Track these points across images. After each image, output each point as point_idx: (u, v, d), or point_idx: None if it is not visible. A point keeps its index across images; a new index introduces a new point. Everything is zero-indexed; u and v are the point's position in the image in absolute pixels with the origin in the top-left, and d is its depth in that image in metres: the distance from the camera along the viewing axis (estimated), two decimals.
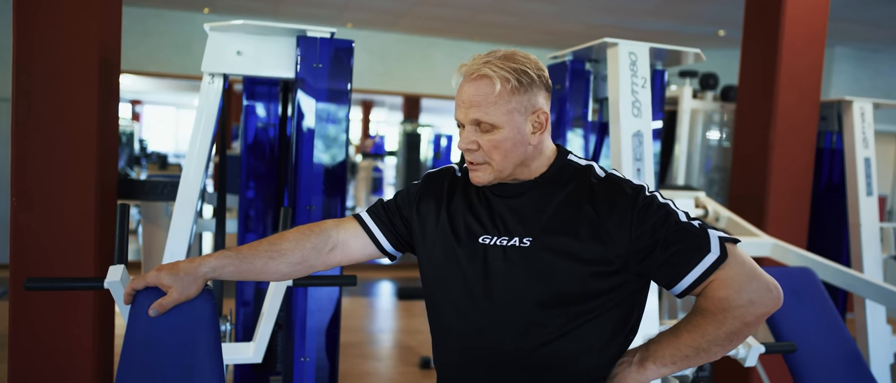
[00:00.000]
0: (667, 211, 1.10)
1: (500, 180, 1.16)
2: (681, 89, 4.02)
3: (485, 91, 1.11)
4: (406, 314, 5.50)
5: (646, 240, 1.08)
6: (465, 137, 1.14)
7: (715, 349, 1.09)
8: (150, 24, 6.38)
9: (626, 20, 5.79)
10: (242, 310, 2.57)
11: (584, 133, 2.41)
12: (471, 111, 1.12)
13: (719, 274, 1.06)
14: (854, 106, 3.09)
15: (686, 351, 1.10)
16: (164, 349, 1.15)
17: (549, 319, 1.10)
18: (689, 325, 1.10)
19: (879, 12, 5.03)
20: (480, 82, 1.12)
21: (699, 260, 1.06)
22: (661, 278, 1.10)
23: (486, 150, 1.13)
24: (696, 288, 1.08)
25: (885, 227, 3.14)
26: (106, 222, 2.30)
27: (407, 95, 8.82)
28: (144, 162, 9.13)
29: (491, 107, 1.11)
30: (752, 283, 1.06)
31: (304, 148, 2.06)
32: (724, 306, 1.06)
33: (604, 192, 1.12)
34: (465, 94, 1.13)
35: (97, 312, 2.27)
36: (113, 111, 2.40)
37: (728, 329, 1.07)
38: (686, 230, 1.08)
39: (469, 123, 1.14)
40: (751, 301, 1.06)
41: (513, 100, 1.12)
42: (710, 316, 1.08)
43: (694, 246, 1.07)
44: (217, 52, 1.98)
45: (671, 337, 1.12)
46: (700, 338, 1.09)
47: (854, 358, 2.11)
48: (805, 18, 3.14)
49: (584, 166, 1.19)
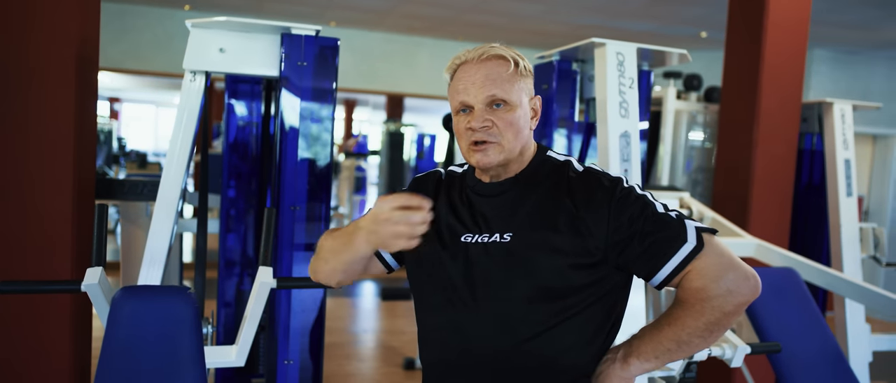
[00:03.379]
0: (644, 202, 1.11)
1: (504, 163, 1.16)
2: (665, 90, 4.04)
3: (499, 70, 1.14)
4: (389, 314, 5.47)
5: (624, 232, 1.09)
6: (479, 116, 1.14)
7: (696, 341, 1.10)
8: (129, 21, 6.27)
9: (610, 21, 5.82)
10: (224, 312, 2.53)
11: (568, 133, 2.40)
12: (486, 88, 1.13)
13: (696, 264, 1.07)
14: (834, 107, 3.12)
15: (668, 345, 1.11)
16: (145, 354, 1.12)
17: (532, 315, 1.10)
18: (670, 318, 1.11)
19: (857, 15, 5.11)
20: (495, 62, 1.15)
21: (676, 250, 1.07)
22: (639, 269, 1.11)
23: (501, 128, 1.14)
24: (675, 278, 1.09)
25: (864, 227, 3.19)
26: (83, 223, 2.25)
27: (390, 95, 8.79)
28: (123, 161, 8.98)
29: (507, 85, 1.14)
30: (729, 273, 1.07)
31: (289, 147, 2.03)
32: (703, 296, 1.07)
33: (582, 185, 1.14)
34: (477, 74, 1.14)
35: (74, 315, 2.21)
36: (91, 109, 2.34)
37: (707, 319, 1.07)
38: (663, 221, 1.09)
39: (483, 102, 1.14)
40: (729, 290, 1.06)
41: (521, 82, 1.16)
42: (689, 307, 1.08)
43: (671, 236, 1.08)
44: (199, 50, 1.94)
45: (653, 331, 1.13)
46: (680, 331, 1.09)
47: (836, 357, 2.13)
48: (787, 22, 3.18)
49: (563, 161, 1.21)
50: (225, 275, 2.51)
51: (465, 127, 1.15)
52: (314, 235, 2.09)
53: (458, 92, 1.16)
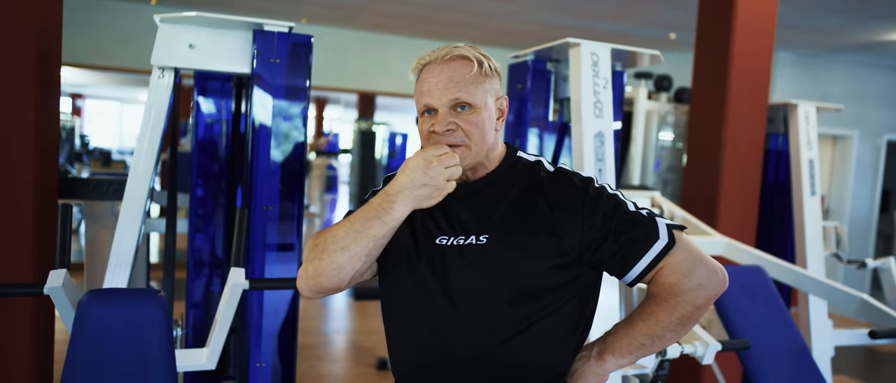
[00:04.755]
0: (616, 201, 1.13)
1: (472, 166, 1.15)
2: (636, 90, 4.09)
3: (463, 71, 1.12)
4: (361, 314, 5.43)
5: (597, 231, 1.10)
6: (443, 120, 1.12)
7: (668, 335, 1.12)
8: (92, 15, 6.09)
9: (581, 21, 5.87)
10: (193, 313, 2.47)
11: (541, 133, 2.41)
12: (449, 91, 1.11)
13: (668, 260, 1.09)
14: (799, 109, 3.20)
15: (642, 340, 1.13)
16: (113, 359, 1.08)
17: (507, 316, 1.10)
18: (643, 314, 1.13)
19: (819, 20, 5.25)
20: (458, 63, 1.13)
21: (649, 247, 1.09)
22: (612, 268, 1.12)
23: (467, 131, 1.12)
24: (647, 275, 1.11)
25: (826, 226, 3.27)
26: (46, 223, 2.17)
27: (362, 93, 8.72)
28: (86, 159, 8.74)
29: (470, 87, 1.12)
30: (700, 267, 1.09)
31: (261, 146, 2.00)
32: (675, 291, 1.09)
33: (554, 186, 1.14)
34: (440, 76, 1.12)
35: (35, 318, 2.14)
36: (53, 105, 2.26)
37: (680, 313, 1.10)
38: (635, 219, 1.11)
39: (446, 105, 1.12)
40: (700, 284, 1.09)
41: (486, 82, 1.14)
42: (662, 301, 1.11)
43: (643, 234, 1.09)
44: (168, 45, 1.89)
45: (626, 327, 1.15)
46: (654, 325, 1.11)
47: (802, 352, 2.19)
48: (755, 25, 3.25)
49: (534, 162, 1.21)
50: (194, 275, 2.45)
51: (428, 129, 1.13)
52: (287, 235, 2.05)
53: (422, 93, 1.14)
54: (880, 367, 4.82)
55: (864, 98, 7.05)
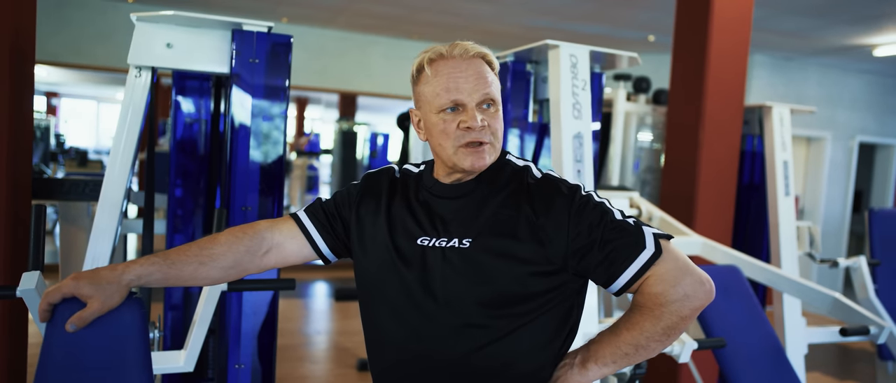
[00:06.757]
0: (603, 210, 1.11)
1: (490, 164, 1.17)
2: (615, 92, 4.13)
3: (485, 69, 1.14)
4: (342, 315, 5.41)
5: (583, 240, 1.09)
6: (475, 116, 1.11)
7: (653, 345, 1.11)
8: (68, 11, 5.98)
9: (560, 23, 5.91)
10: (170, 315, 2.44)
11: (521, 134, 2.42)
12: (481, 88, 1.12)
13: (655, 270, 1.07)
14: (774, 111, 3.26)
15: (626, 349, 1.11)
16: (88, 362, 1.06)
17: (488, 321, 1.09)
18: (628, 323, 1.11)
19: (794, 23, 5.35)
20: (480, 61, 1.14)
21: (636, 256, 1.07)
22: (598, 277, 1.11)
23: (493, 129, 1.14)
24: (633, 284, 1.09)
25: (800, 226, 3.34)
26: (19, 224, 2.13)
27: (343, 93, 8.69)
28: (62, 158, 8.58)
29: (494, 86, 1.15)
30: (686, 278, 1.08)
31: (240, 146, 1.98)
32: (661, 301, 1.07)
33: (541, 193, 1.13)
34: (468, 72, 1.12)
35: (7, 321, 2.10)
36: (27, 104, 2.23)
37: (665, 323, 1.08)
38: (622, 228, 1.09)
39: (477, 101, 1.12)
40: (686, 295, 1.08)
41: (497, 81, 1.17)
42: (648, 311, 1.09)
43: (630, 243, 1.08)
44: (145, 44, 1.87)
45: (611, 336, 1.13)
46: (639, 335, 1.10)
47: (776, 350, 2.23)
48: (731, 27, 3.30)
49: (522, 167, 1.20)
50: None
51: (459, 126, 1.11)
52: None
53: (447, 89, 1.11)
54: (852, 364, 4.92)
55: (837, 101, 7.19)
